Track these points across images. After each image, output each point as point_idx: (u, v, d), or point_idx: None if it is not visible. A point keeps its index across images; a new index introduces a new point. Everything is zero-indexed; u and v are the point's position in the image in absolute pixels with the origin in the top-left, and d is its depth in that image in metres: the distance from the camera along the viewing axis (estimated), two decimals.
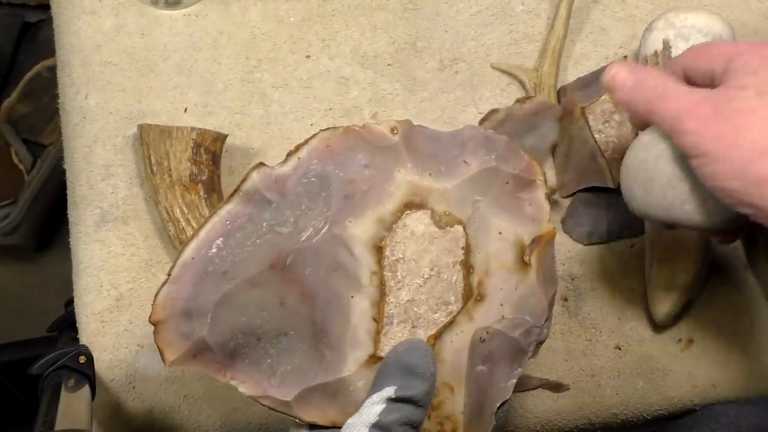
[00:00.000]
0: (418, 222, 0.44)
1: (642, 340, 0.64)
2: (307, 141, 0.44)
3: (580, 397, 0.64)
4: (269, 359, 0.43)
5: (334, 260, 0.43)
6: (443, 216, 0.45)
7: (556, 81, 0.68)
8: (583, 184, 0.65)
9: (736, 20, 0.69)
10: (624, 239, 0.65)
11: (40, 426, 0.53)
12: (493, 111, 0.67)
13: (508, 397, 0.45)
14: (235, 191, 0.43)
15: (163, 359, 0.42)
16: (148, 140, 0.62)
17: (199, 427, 0.62)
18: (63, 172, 0.67)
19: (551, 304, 0.46)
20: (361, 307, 0.43)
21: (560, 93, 0.68)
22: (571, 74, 0.70)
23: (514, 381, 0.46)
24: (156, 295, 0.41)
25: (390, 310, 0.44)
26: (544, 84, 0.68)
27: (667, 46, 0.62)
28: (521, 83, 0.69)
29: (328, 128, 0.44)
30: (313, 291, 0.43)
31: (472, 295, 0.45)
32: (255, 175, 0.43)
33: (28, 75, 1.28)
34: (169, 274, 0.42)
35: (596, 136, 0.64)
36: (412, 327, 0.44)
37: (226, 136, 0.65)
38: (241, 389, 0.42)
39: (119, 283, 0.64)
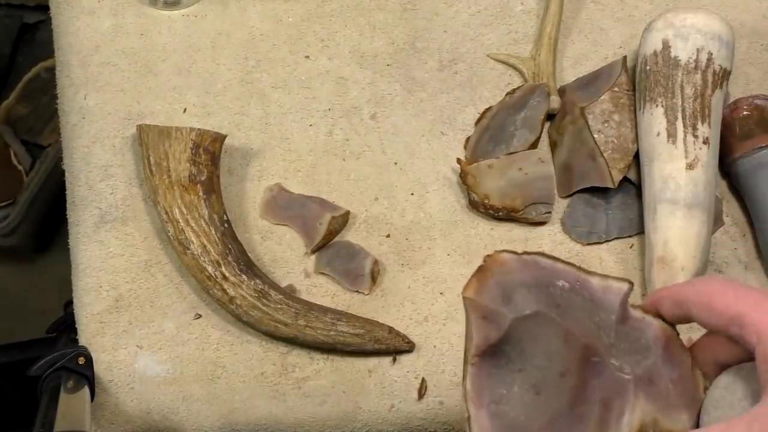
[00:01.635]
0: None
1: None
2: (678, 334, 0.44)
3: None
4: (505, 390, 0.42)
5: (617, 400, 0.42)
6: None
7: (554, 68, 0.68)
8: (582, 184, 0.65)
9: (736, 20, 0.69)
10: (623, 239, 0.65)
11: (39, 427, 0.53)
12: (487, 109, 0.68)
13: None
14: (611, 276, 0.44)
15: (465, 287, 0.42)
16: (147, 141, 0.62)
17: (198, 429, 0.62)
18: (62, 173, 0.67)
19: None
20: None
21: (560, 93, 0.68)
22: (571, 74, 0.69)
23: None
24: (501, 251, 0.42)
25: None
26: (542, 72, 0.68)
27: (666, 46, 0.62)
28: (520, 72, 0.69)
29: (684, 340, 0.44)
30: (582, 398, 0.43)
31: None
32: (627, 288, 0.44)
33: (27, 76, 1.28)
34: (523, 252, 0.43)
35: (596, 136, 0.64)
36: None
37: (225, 136, 0.65)
38: (468, 376, 0.42)
39: (118, 283, 0.64)
